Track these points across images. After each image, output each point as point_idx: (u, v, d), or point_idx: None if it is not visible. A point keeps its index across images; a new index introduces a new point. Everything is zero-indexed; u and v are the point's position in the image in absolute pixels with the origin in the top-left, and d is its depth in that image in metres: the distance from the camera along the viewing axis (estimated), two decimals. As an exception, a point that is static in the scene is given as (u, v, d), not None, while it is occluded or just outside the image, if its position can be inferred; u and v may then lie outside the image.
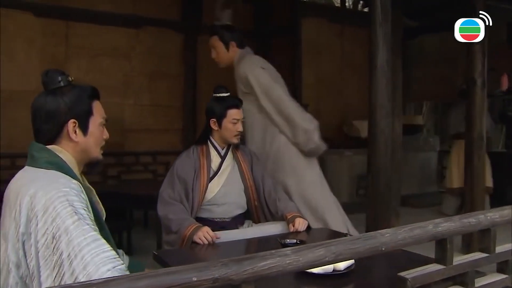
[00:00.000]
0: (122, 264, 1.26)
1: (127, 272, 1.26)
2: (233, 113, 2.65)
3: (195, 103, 6.67)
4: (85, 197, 1.40)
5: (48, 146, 1.47)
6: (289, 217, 2.51)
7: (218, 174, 2.66)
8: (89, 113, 1.54)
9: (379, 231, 1.32)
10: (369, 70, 2.97)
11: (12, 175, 1.50)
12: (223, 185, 2.66)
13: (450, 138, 6.40)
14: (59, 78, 1.52)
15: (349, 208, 4.33)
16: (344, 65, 7.27)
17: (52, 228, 1.25)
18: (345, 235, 2.32)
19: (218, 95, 2.69)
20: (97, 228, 1.34)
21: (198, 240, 2.26)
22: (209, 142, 2.70)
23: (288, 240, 2.10)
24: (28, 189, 1.32)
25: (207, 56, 6.76)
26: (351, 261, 1.76)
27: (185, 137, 6.67)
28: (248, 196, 2.72)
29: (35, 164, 1.43)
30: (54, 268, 1.23)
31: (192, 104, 6.65)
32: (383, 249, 1.29)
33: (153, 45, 6.35)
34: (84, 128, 1.52)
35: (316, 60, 6.71)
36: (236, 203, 2.68)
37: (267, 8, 7.16)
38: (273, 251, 1.15)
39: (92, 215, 1.39)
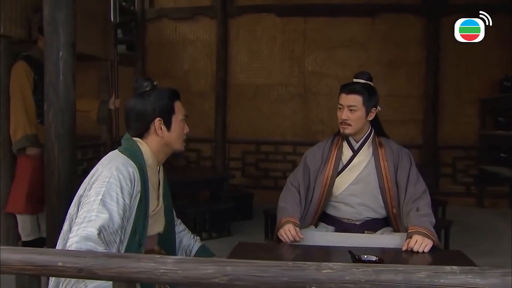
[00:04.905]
0: (92, 246, 1.38)
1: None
2: (340, 97, 2.34)
3: (438, 92, 6.04)
4: (136, 184, 1.60)
5: (134, 138, 1.74)
6: (409, 230, 2.05)
7: (346, 169, 2.39)
8: (171, 111, 1.78)
9: (321, 263, 1.01)
10: None
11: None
12: (353, 182, 2.38)
13: None
14: (146, 84, 1.76)
15: None
16: None
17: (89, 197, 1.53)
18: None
19: (353, 79, 2.42)
20: (118, 210, 1.50)
21: (280, 236, 2.13)
22: None
23: (365, 256, 1.74)
24: (101, 164, 1.63)
25: (453, 40, 6.06)
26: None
27: (425, 129, 6.13)
28: (385, 200, 2.36)
29: (119, 148, 1.73)
30: None
31: (434, 93, 6.04)
32: (313, 288, 0.98)
33: (390, 33, 6.04)
34: (168, 125, 1.76)
35: None
36: (367, 206, 2.36)
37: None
38: (157, 256, 1.05)
39: (134, 201, 1.58)
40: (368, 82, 2.41)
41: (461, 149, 6.04)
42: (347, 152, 2.43)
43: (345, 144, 2.45)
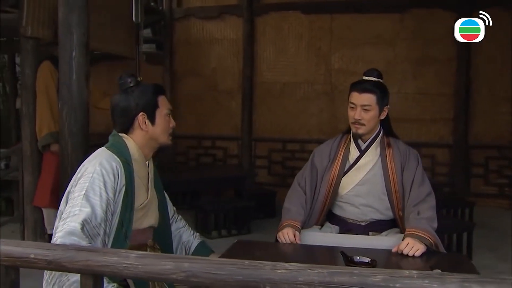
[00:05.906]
0: (76, 240, 1.44)
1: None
2: (351, 96, 2.27)
3: (469, 90, 5.85)
4: (120, 178, 1.64)
5: (120, 134, 1.78)
6: (405, 232, 2.01)
7: (353, 169, 2.35)
8: (155, 106, 1.81)
9: (278, 263, 1.01)
10: None
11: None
12: (359, 183, 2.34)
13: None
14: (129, 80, 1.80)
15: None
16: None
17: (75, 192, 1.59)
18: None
19: (363, 77, 2.37)
20: (101, 203, 1.56)
21: (278, 238, 2.14)
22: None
23: (358, 258, 1.71)
24: (87, 161, 1.69)
25: (486, 35, 5.85)
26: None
27: (455, 128, 5.95)
28: (391, 202, 2.31)
29: (106, 145, 1.76)
30: None
31: (466, 91, 5.84)
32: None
33: (419, 29, 5.89)
34: (152, 119, 1.79)
35: None
36: (371, 207, 2.31)
37: None
38: (122, 250, 1.08)
39: (119, 195, 1.63)
40: (379, 79, 2.35)
41: (494, 148, 5.82)
42: (354, 152, 2.39)
43: (352, 144, 2.41)
